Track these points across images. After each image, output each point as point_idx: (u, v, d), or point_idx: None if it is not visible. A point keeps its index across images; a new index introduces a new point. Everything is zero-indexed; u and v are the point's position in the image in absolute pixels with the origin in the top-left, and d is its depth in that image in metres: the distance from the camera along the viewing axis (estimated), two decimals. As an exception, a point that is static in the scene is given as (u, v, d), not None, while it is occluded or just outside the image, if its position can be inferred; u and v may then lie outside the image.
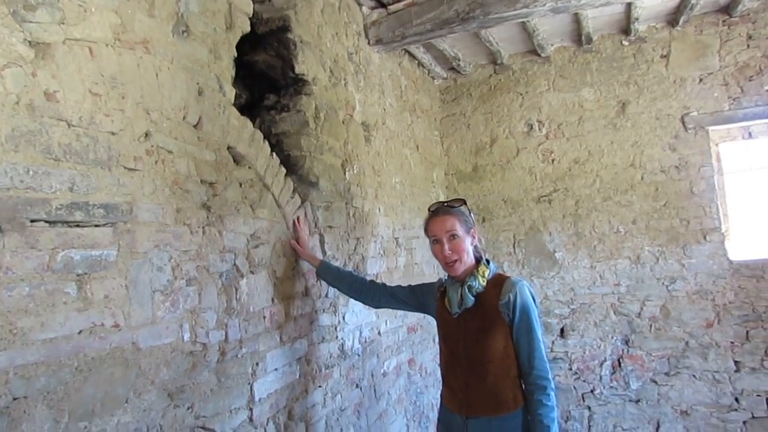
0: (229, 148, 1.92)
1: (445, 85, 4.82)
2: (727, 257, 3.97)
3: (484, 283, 1.98)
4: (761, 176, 4.26)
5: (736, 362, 3.92)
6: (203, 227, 1.72)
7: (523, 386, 1.95)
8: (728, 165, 4.25)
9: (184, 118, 1.70)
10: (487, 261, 2.06)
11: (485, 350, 1.95)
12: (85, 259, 1.29)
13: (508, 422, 1.93)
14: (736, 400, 3.91)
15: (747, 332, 3.90)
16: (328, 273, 2.37)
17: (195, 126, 1.75)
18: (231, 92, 1.98)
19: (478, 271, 2.00)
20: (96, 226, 1.33)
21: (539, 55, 4.44)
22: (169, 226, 1.58)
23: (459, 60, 4.36)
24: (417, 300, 2.30)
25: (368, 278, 2.46)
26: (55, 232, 1.23)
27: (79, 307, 1.26)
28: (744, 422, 3.88)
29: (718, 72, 4.05)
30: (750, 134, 4.18)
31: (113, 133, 1.41)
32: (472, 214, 2.14)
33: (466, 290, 1.97)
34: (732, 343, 3.93)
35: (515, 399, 1.95)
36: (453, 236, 2.00)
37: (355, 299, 2.44)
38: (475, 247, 2.08)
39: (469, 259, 2.02)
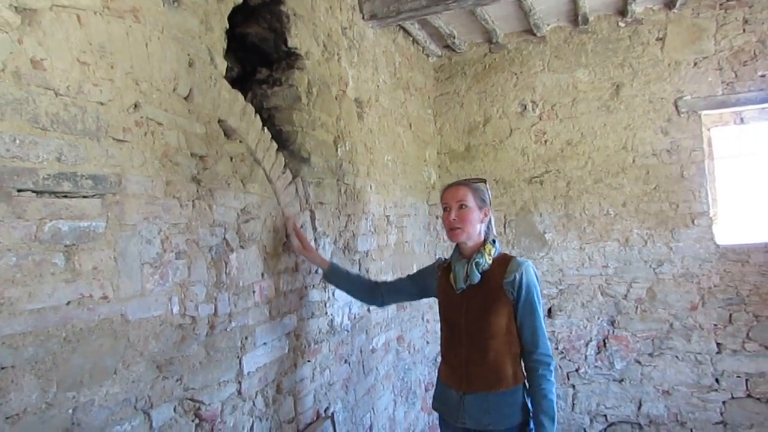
0: (219, 121, 1.90)
1: (440, 63, 4.78)
2: (714, 241, 4.02)
3: (490, 261, 2.03)
4: (751, 162, 4.29)
5: (718, 344, 4.00)
6: (193, 201, 1.72)
7: (526, 363, 2.00)
8: (719, 150, 4.28)
9: (174, 89, 1.67)
10: (493, 241, 2.09)
11: (488, 326, 1.99)
12: (73, 230, 1.28)
13: (505, 398, 1.98)
14: (717, 380, 3.99)
15: (730, 315, 3.97)
16: (337, 275, 2.38)
17: (185, 98, 1.73)
18: (222, 65, 1.95)
19: (484, 248, 2.05)
20: (84, 197, 1.32)
21: (535, 35, 4.41)
22: (159, 198, 1.57)
23: (454, 38, 4.31)
24: (418, 287, 2.33)
25: (373, 279, 2.54)
26: (43, 202, 1.22)
27: (67, 278, 1.26)
28: (723, 402, 3.98)
29: (713, 56, 4.04)
30: (742, 120, 4.20)
31: (102, 104, 1.39)
32: (488, 194, 2.16)
33: (473, 266, 2.01)
34: (715, 325, 4.00)
35: (515, 376, 2.00)
36: (462, 206, 2.04)
37: (361, 301, 2.49)
38: (487, 226, 2.11)
39: (475, 233, 2.06)
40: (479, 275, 2.01)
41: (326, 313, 2.59)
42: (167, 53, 1.64)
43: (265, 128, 2.19)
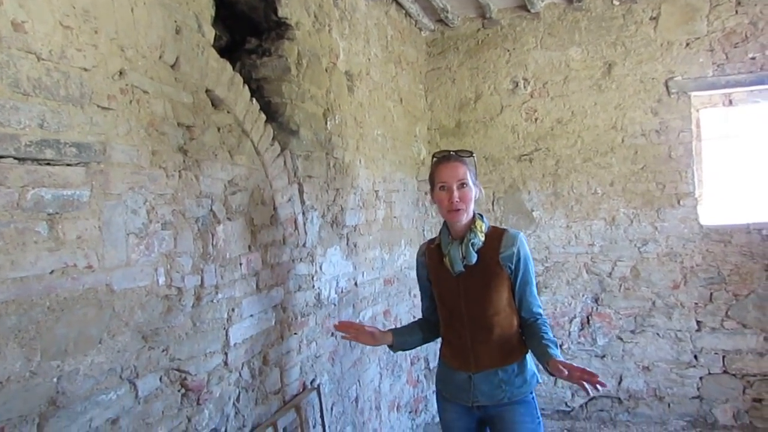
0: (207, 91, 1.88)
1: (432, 37, 4.72)
2: (698, 222, 4.07)
3: (483, 239, 1.99)
4: (737, 144, 4.32)
5: (698, 322, 4.08)
6: (179, 171, 1.70)
7: (524, 321, 2.02)
8: (707, 131, 4.30)
9: (160, 57, 1.64)
10: (481, 215, 2.05)
11: (490, 305, 1.98)
12: (57, 198, 1.27)
13: (515, 370, 2.00)
14: (695, 357, 4.09)
15: (711, 294, 4.05)
16: (404, 336, 2.23)
17: (172, 66, 1.70)
18: (210, 33, 1.91)
19: (476, 226, 1.99)
20: (68, 165, 1.30)
21: (529, 11, 4.36)
22: (145, 168, 1.55)
23: (447, 12, 4.26)
24: (425, 281, 2.22)
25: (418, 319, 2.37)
26: (25, 169, 1.20)
27: (51, 247, 1.25)
28: (700, 378, 4.08)
29: (705, 37, 4.03)
30: (731, 102, 4.21)
31: (85, 69, 1.36)
32: (475, 167, 2.12)
33: (469, 248, 1.96)
34: (696, 303, 4.08)
35: (521, 349, 2.02)
36: (463, 185, 1.97)
37: (432, 341, 2.31)
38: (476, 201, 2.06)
39: (470, 211, 2.00)
40: (476, 255, 1.96)
41: (313, 286, 2.60)
42: (153, 19, 1.61)
43: (254, 99, 2.17)
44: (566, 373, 1.71)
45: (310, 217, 2.59)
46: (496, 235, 2.01)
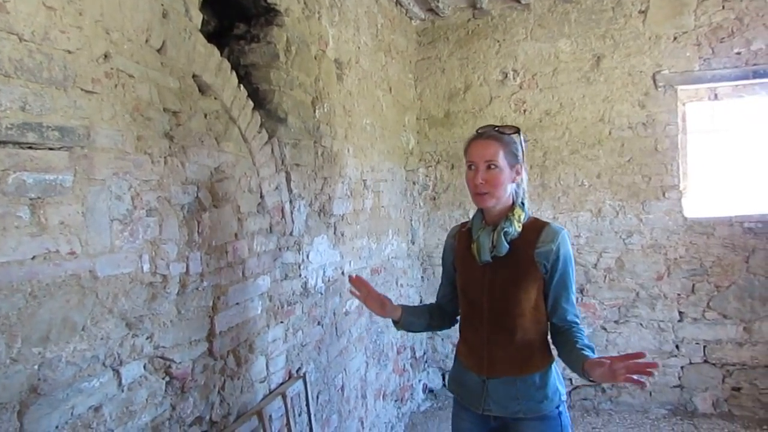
0: (194, 76, 1.85)
1: (423, 26, 4.70)
2: (682, 214, 4.12)
3: (520, 229, 1.76)
4: (722, 138, 4.36)
5: (680, 313, 4.15)
6: (165, 157, 1.68)
7: (555, 329, 1.81)
8: (692, 125, 4.34)
9: (146, 41, 1.61)
10: (522, 204, 1.81)
11: (516, 304, 1.76)
12: (39, 182, 1.24)
13: (535, 382, 1.77)
14: (677, 347, 4.16)
15: (693, 285, 4.11)
16: (412, 317, 2.03)
17: (158, 50, 1.67)
18: (198, 17, 1.88)
19: (513, 214, 1.76)
20: (50, 149, 1.28)
21: (519, 2, 4.35)
22: (129, 154, 1.53)
23: (438, 1, 4.23)
24: (449, 267, 2.05)
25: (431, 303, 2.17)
26: (6, 152, 1.17)
27: (33, 232, 1.23)
28: (681, 367, 4.15)
29: (692, 31, 4.06)
30: (716, 96, 4.25)
31: (69, 52, 1.33)
32: (523, 147, 1.83)
33: (501, 237, 1.73)
34: (678, 294, 4.15)
35: (543, 358, 1.81)
36: (491, 166, 1.73)
37: (441, 330, 2.17)
38: (518, 186, 1.80)
39: (505, 196, 1.76)
40: (507, 246, 1.74)
41: (300, 275, 2.60)
42: (140, 2, 1.58)
43: (242, 86, 2.14)
44: (607, 368, 1.48)
45: (298, 205, 2.57)
46: (535, 228, 1.78)
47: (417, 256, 4.67)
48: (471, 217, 1.93)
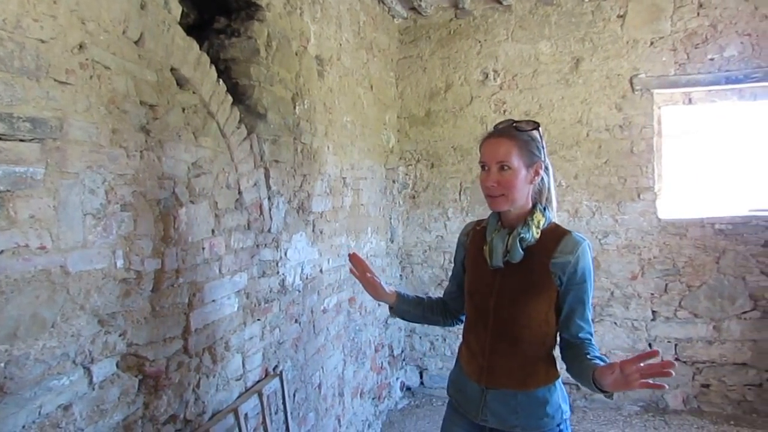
0: (172, 69, 1.82)
1: (405, 25, 4.70)
2: (657, 215, 4.20)
3: (538, 235, 1.63)
4: (695, 141, 4.46)
5: (653, 312, 4.23)
6: (141, 151, 1.65)
7: (566, 343, 1.68)
8: (667, 128, 4.42)
9: (123, 32, 1.58)
10: (544, 208, 1.68)
11: (523, 314, 1.65)
12: (8, 175, 1.21)
13: (537, 397, 1.67)
14: (650, 345, 4.24)
15: (666, 285, 4.19)
16: (409, 305, 1.96)
17: (136, 42, 1.64)
18: (177, 9, 1.85)
19: (532, 219, 1.63)
20: (21, 140, 1.24)
21: (501, 3, 4.38)
22: (104, 147, 1.50)
23: (420, 0, 4.23)
24: (459, 266, 1.94)
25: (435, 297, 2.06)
26: (-26, 143, 1.14)
27: (2, 226, 1.19)
28: (654, 367, 4.22)
29: (669, 37, 4.13)
30: (690, 100, 4.33)
31: (42, 41, 1.30)
32: (542, 144, 1.69)
33: (517, 242, 1.61)
34: (652, 294, 4.22)
35: (548, 373, 1.70)
36: (504, 167, 1.60)
37: (438, 325, 2.04)
38: (539, 186, 1.68)
39: (522, 198, 1.64)
40: (522, 253, 1.62)
41: (278, 272, 2.58)
42: (115, -8, 1.54)
43: (221, 80, 2.11)
44: (618, 374, 1.37)
45: (276, 202, 2.55)
46: (554, 236, 1.65)
47: (396, 254, 4.68)
48: (488, 216, 1.80)
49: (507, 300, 1.67)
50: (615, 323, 4.30)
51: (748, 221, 4.06)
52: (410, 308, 1.96)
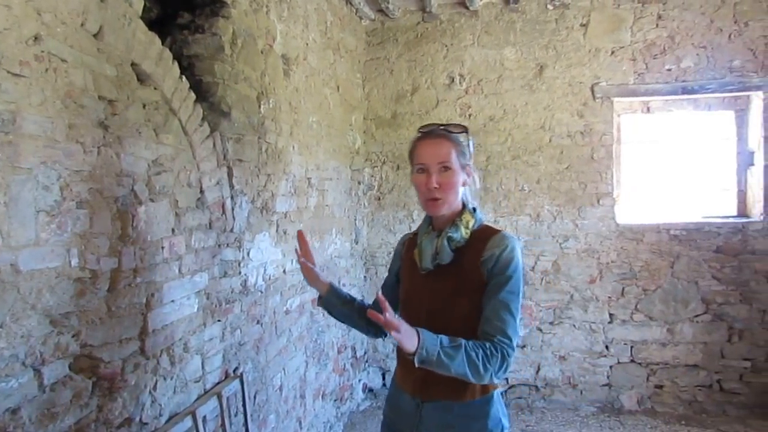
0: (133, 64, 1.78)
1: (372, 27, 4.71)
2: (615, 220, 4.32)
3: (467, 236, 1.59)
4: (653, 149, 4.61)
5: (610, 315, 4.35)
6: (99, 147, 1.60)
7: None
8: (626, 136, 4.55)
9: (82, 25, 1.54)
10: (474, 209, 1.65)
11: (456, 316, 1.57)
12: (-44, 169, 1.16)
13: (474, 409, 1.58)
14: (607, 347, 4.35)
15: (623, 288, 4.32)
16: (338, 299, 1.84)
17: (95, 36, 1.60)
18: (139, 3, 1.81)
19: (461, 219, 1.60)
20: (-30, 134, 1.20)
21: (468, 8, 4.44)
22: (60, 142, 1.45)
23: (388, 2, 4.25)
24: (393, 276, 1.86)
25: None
26: None
27: (-52, 221, 1.15)
28: (610, 366, 4.35)
29: (629, 47, 4.26)
30: (648, 109, 4.48)
31: (-6, 31, 1.25)
32: (471, 146, 1.68)
33: (445, 242, 1.57)
34: (609, 297, 4.34)
35: (487, 384, 1.57)
36: (445, 168, 1.57)
37: (367, 335, 1.92)
38: (468, 189, 1.66)
39: (456, 201, 1.61)
40: (451, 253, 1.57)
41: (240, 272, 2.55)
42: (74, -17, 1.50)
43: (184, 77, 2.08)
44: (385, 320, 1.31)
45: (239, 201, 2.52)
46: (484, 236, 1.59)
47: (360, 255, 4.68)
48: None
49: (438, 305, 1.60)
50: (574, 326, 4.40)
51: (701, 227, 4.22)
52: (339, 303, 1.85)
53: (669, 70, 4.20)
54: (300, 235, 1.84)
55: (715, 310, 4.19)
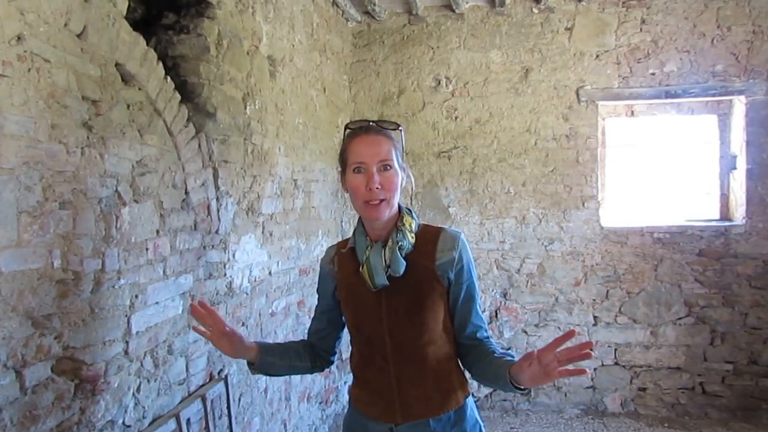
0: (117, 65, 1.77)
1: (359, 29, 4.71)
2: (600, 223, 4.37)
3: (413, 240, 1.49)
4: (636, 153, 4.67)
5: (595, 317, 4.39)
6: (82, 148, 1.59)
7: (465, 348, 1.55)
8: (611, 139, 4.61)
9: (65, 24, 1.53)
10: (409, 210, 1.56)
11: (424, 330, 1.48)
12: (-65, 169, 1.15)
13: (451, 421, 1.50)
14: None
15: (607, 291, 4.36)
16: (273, 357, 1.64)
17: (78, 36, 1.59)
18: (123, 3, 1.80)
19: (403, 224, 1.49)
20: (-50, 133, 1.19)
21: (453, 11, 4.46)
22: (42, 142, 1.44)
23: (374, 5, 4.26)
24: (331, 301, 1.65)
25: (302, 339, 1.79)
26: None
27: (-73, 222, 1.13)
28: (594, 369, 4.39)
29: (613, 50, 4.32)
30: (633, 112, 4.54)
31: (-25, 30, 1.24)
32: (403, 145, 1.58)
33: (396, 253, 1.44)
34: (594, 300, 4.38)
35: (462, 386, 1.54)
36: (386, 167, 1.45)
37: (312, 373, 1.77)
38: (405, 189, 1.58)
39: (395, 204, 1.49)
40: (404, 262, 1.45)
41: (225, 274, 2.53)
42: (57, -18, 1.49)
43: (169, 78, 2.07)
44: (536, 366, 1.26)
45: (225, 203, 2.51)
46: (429, 237, 1.51)
47: (347, 257, 4.67)
48: (352, 233, 1.58)
49: (401, 320, 1.48)
50: (559, 328, 4.43)
51: (684, 231, 4.28)
52: (276, 359, 1.64)
53: (653, 74, 4.26)
54: (202, 304, 1.60)
55: (697, 313, 4.25)
